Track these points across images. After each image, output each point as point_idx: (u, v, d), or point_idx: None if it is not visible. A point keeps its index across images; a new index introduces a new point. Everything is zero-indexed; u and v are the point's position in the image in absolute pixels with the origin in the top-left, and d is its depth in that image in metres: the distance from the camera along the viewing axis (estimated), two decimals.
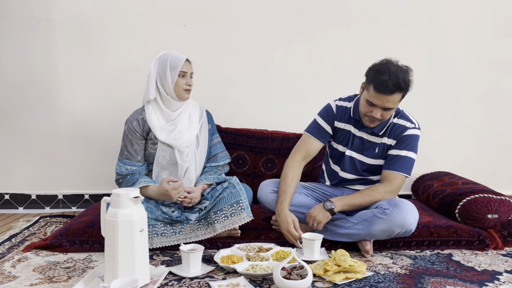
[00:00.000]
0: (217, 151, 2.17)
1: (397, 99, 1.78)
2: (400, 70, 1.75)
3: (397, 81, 1.73)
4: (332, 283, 1.59)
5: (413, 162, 1.92)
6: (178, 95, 2.00)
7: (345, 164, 2.03)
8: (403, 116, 1.95)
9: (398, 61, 1.80)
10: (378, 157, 1.98)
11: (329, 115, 2.02)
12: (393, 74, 1.73)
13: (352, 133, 1.99)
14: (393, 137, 1.94)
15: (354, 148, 2.00)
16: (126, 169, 2.01)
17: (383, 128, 1.94)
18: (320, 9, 2.76)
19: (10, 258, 1.83)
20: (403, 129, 1.92)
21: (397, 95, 1.77)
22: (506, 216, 2.09)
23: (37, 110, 2.70)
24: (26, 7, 2.63)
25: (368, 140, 1.97)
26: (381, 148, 1.96)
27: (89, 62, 2.70)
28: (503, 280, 1.66)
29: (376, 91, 1.76)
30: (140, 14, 2.69)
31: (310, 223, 1.87)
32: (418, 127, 1.94)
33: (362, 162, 2.00)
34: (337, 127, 2.02)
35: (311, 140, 2.01)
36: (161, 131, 2.00)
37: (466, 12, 2.84)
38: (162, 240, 1.89)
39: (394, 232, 1.82)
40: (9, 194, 2.75)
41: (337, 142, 2.04)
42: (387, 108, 1.80)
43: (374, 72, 1.78)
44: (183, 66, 1.98)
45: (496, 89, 2.90)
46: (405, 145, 1.91)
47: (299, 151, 2.01)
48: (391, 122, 1.94)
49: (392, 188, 1.89)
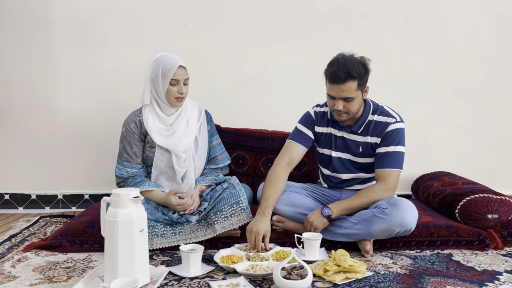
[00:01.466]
0: (216, 153, 2.15)
1: (352, 87, 1.81)
2: (349, 60, 1.81)
3: (346, 69, 1.78)
4: (332, 283, 1.59)
5: (403, 156, 1.93)
6: (170, 102, 1.97)
7: (335, 165, 2.04)
8: (383, 112, 1.96)
9: (353, 54, 1.85)
10: (365, 156, 1.99)
11: (308, 121, 2.07)
12: (342, 63, 1.80)
13: (333, 134, 2.03)
14: (376, 135, 1.95)
15: (339, 148, 2.02)
16: (126, 171, 2.00)
17: (361, 126, 1.96)
18: (320, 9, 2.76)
19: (10, 258, 1.83)
20: (385, 125, 1.93)
21: (351, 83, 1.80)
22: (506, 216, 2.09)
23: (37, 110, 2.70)
24: (26, 7, 2.63)
25: (350, 139, 2.00)
26: (365, 147, 1.97)
27: (89, 62, 2.69)
28: (503, 280, 1.66)
29: (330, 83, 1.84)
30: (140, 14, 2.68)
31: (308, 228, 1.89)
32: (400, 120, 1.95)
33: (351, 161, 2.02)
34: (318, 132, 2.06)
35: (294, 145, 2.04)
36: (158, 135, 1.98)
37: (466, 12, 2.83)
38: (162, 241, 1.89)
39: (394, 232, 1.82)
40: (9, 194, 2.75)
41: (322, 147, 2.08)
42: (345, 98, 1.84)
43: (327, 66, 1.86)
44: (176, 73, 1.92)
45: (496, 89, 2.90)
46: (391, 141, 1.92)
47: (283, 157, 2.02)
48: (370, 119, 1.95)
49: (388, 186, 1.89)
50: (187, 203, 1.90)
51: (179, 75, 1.94)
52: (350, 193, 2.03)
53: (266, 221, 1.83)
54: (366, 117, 1.96)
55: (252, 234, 1.79)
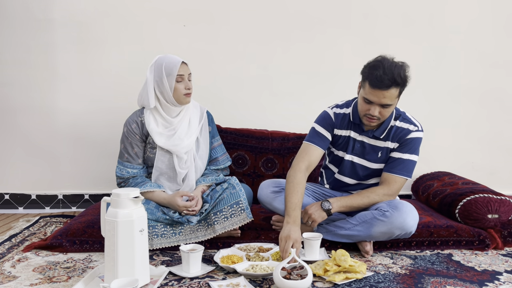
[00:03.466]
0: (217, 154, 2.15)
1: (394, 94, 1.76)
2: (395, 65, 1.74)
3: (392, 76, 1.71)
4: (332, 283, 1.59)
5: (414, 164, 1.91)
6: (179, 101, 1.97)
7: (344, 167, 2.01)
8: (405, 119, 1.93)
9: (393, 57, 1.79)
10: (381, 161, 1.96)
11: (328, 122, 1.98)
12: (388, 69, 1.72)
13: (352, 137, 1.97)
14: (397, 140, 1.92)
15: (355, 152, 1.97)
16: (127, 172, 2.00)
17: (384, 131, 1.91)
18: (320, 8, 2.76)
19: (10, 258, 1.83)
20: (406, 132, 1.90)
21: (394, 90, 1.74)
22: (506, 216, 2.09)
23: (37, 110, 2.70)
24: (26, 7, 2.63)
25: (370, 144, 1.95)
26: (384, 152, 1.94)
27: (89, 62, 2.69)
28: (503, 280, 1.66)
29: (372, 87, 1.75)
30: (140, 14, 2.68)
31: (305, 219, 1.85)
32: (421, 129, 1.93)
33: (364, 166, 1.98)
34: (337, 135, 1.99)
35: (313, 148, 1.94)
36: (159, 136, 1.97)
37: (467, 12, 2.83)
38: (162, 241, 1.89)
39: (394, 234, 1.82)
40: (9, 194, 2.75)
41: (337, 149, 2.02)
42: (384, 105, 1.78)
43: (369, 68, 1.78)
44: (179, 69, 1.93)
45: (497, 89, 2.90)
46: (408, 148, 1.90)
47: (302, 161, 1.91)
48: (392, 125, 1.92)
49: (391, 191, 1.89)
50: (192, 206, 1.91)
51: (183, 70, 1.95)
52: None
53: (299, 231, 1.73)
54: (389, 122, 1.91)
55: (290, 240, 1.66)
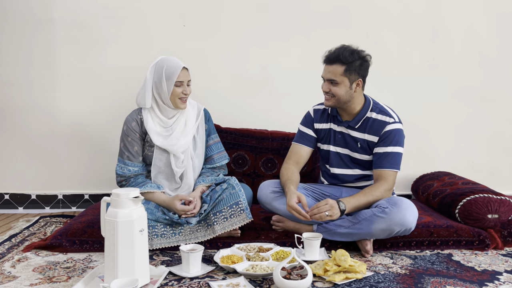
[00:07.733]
0: (212, 152, 2.14)
1: (338, 71, 1.88)
2: (344, 47, 1.89)
3: (337, 54, 1.87)
4: (332, 283, 1.59)
5: (401, 156, 1.95)
6: (174, 104, 1.98)
7: (332, 159, 2.07)
8: (382, 111, 1.98)
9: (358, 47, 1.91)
10: (362, 152, 2.00)
11: (308, 120, 2.12)
12: (337, 49, 1.90)
13: (333, 129, 2.06)
14: (373, 133, 1.97)
15: (337, 143, 2.06)
16: (129, 170, 2.00)
17: (358, 121, 1.98)
18: (320, 9, 2.76)
19: (10, 258, 1.83)
20: (382, 124, 1.95)
21: (337, 67, 1.88)
22: (506, 216, 2.09)
23: (37, 110, 2.70)
24: (26, 7, 2.63)
25: (349, 135, 2.03)
26: (363, 143, 1.99)
27: (89, 62, 2.69)
28: (503, 280, 1.66)
29: (323, 63, 1.95)
30: (140, 14, 2.68)
31: (324, 210, 1.77)
32: (398, 120, 1.96)
33: (348, 156, 2.05)
34: (318, 129, 2.10)
35: (298, 147, 2.10)
36: (157, 136, 1.99)
37: (467, 12, 2.83)
38: (162, 241, 1.89)
39: (394, 231, 1.82)
40: (9, 194, 2.75)
41: (322, 143, 2.11)
42: (331, 80, 1.90)
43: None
44: (180, 75, 1.94)
45: (496, 89, 2.90)
46: (389, 141, 1.93)
47: (290, 158, 2.10)
48: (368, 116, 1.98)
49: (390, 186, 1.92)
50: (191, 210, 1.91)
51: (183, 76, 1.95)
52: (349, 192, 2.04)
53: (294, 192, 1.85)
54: (364, 113, 1.98)
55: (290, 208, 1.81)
